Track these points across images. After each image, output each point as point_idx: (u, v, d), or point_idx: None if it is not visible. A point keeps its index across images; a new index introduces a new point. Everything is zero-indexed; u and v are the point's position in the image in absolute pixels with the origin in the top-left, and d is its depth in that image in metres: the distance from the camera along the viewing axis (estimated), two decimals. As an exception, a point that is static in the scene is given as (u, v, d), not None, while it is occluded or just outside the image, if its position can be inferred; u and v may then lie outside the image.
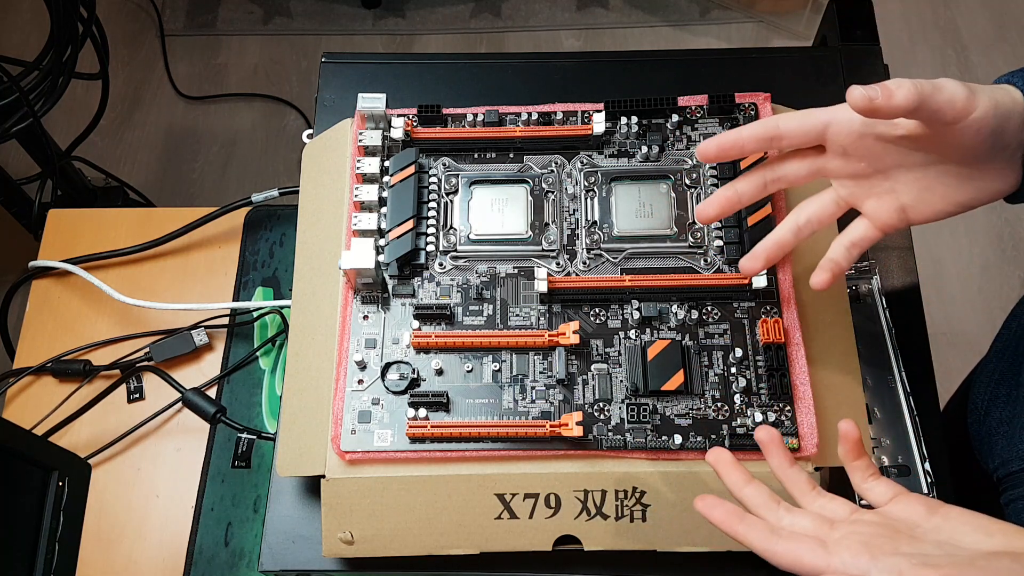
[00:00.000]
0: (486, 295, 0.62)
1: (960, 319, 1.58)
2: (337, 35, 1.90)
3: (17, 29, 1.90)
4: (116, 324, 0.84)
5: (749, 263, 0.57)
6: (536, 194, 0.65)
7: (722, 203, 0.55)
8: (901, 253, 0.71)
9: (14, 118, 1.07)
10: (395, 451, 0.57)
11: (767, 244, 0.56)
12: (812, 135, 0.51)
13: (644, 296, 0.61)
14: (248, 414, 0.80)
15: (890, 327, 0.67)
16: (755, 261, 0.57)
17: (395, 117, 0.66)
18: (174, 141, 1.79)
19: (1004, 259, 1.65)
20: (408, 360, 0.60)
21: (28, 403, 0.81)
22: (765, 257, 0.56)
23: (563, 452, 0.57)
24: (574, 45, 1.89)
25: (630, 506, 0.57)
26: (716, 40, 1.88)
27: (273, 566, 0.60)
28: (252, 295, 0.85)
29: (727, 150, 0.53)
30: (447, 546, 0.57)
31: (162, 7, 1.92)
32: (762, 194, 0.55)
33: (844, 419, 0.48)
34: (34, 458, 0.63)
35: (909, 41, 1.86)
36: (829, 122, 0.50)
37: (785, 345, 0.59)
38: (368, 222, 0.63)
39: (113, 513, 0.77)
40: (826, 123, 0.50)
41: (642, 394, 0.59)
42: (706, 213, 0.55)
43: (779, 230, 0.56)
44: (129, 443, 0.80)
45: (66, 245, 0.87)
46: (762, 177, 0.55)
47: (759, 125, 0.52)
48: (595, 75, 0.75)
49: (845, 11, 0.80)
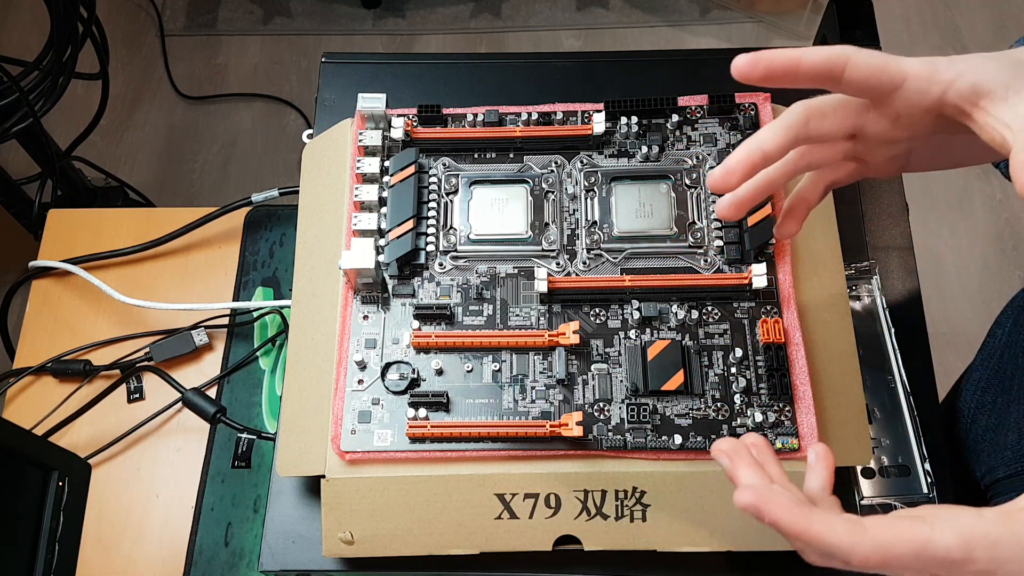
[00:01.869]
0: (486, 295, 0.62)
1: (960, 319, 1.58)
2: (337, 35, 1.90)
3: (17, 29, 1.90)
4: (116, 324, 0.84)
5: (731, 209, 0.48)
6: (536, 194, 0.65)
7: (747, 165, 0.45)
8: (901, 253, 0.71)
9: (14, 118, 1.07)
10: (395, 451, 0.57)
11: (755, 189, 0.47)
12: (881, 89, 0.42)
13: (644, 296, 0.61)
14: (248, 414, 0.80)
15: (890, 327, 0.67)
16: (738, 208, 0.48)
17: (395, 117, 0.66)
18: (174, 141, 1.79)
19: (1004, 259, 1.65)
20: (408, 360, 0.60)
21: (28, 403, 0.82)
22: (750, 204, 0.47)
23: (563, 452, 0.57)
24: (574, 45, 1.89)
25: (630, 506, 0.57)
26: (716, 40, 1.88)
27: (273, 566, 0.60)
28: (252, 295, 0.85)
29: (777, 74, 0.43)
30: (447, 546, 0.57)
31: (162, 7, 1.92)
32: (787, 151, 0.46)
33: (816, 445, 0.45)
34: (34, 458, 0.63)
35: (909, 41, 1.86)
36: (905, 81, 0.41)
37: (785, 345, 0.59)
38: (368, 222, 0.63)
39: (113, 513, 0.77)
40: (902, 81, 0.41)
41: (642, 394, 0.59)
42: (729, 181, 0.45)
43: (774, 173, 0.47)
44: (129, 443, 0.80)
45: (66, 245, 0.87)
46: (795, 131, 0.45)
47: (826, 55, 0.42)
48: (595, 75, 0.75)
49: (845, 11, 0.80)
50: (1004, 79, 0.39)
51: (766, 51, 0.42)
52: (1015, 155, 0.38)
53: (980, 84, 0.39)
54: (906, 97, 0.42)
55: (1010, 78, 0.39)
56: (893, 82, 0.41)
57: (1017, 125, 0.38)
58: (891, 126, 0.44)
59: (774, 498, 0.39)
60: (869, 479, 0.62)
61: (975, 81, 0.40)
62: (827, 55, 0.42)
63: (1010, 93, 0.39)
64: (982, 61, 0.40)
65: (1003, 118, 0.39)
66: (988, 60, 0.40)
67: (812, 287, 0.62)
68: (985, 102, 0.39)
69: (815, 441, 0.57)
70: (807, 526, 0.38)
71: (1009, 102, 0.39)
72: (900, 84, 0.41)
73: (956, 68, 0.40)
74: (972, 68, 0.40)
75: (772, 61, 0.42)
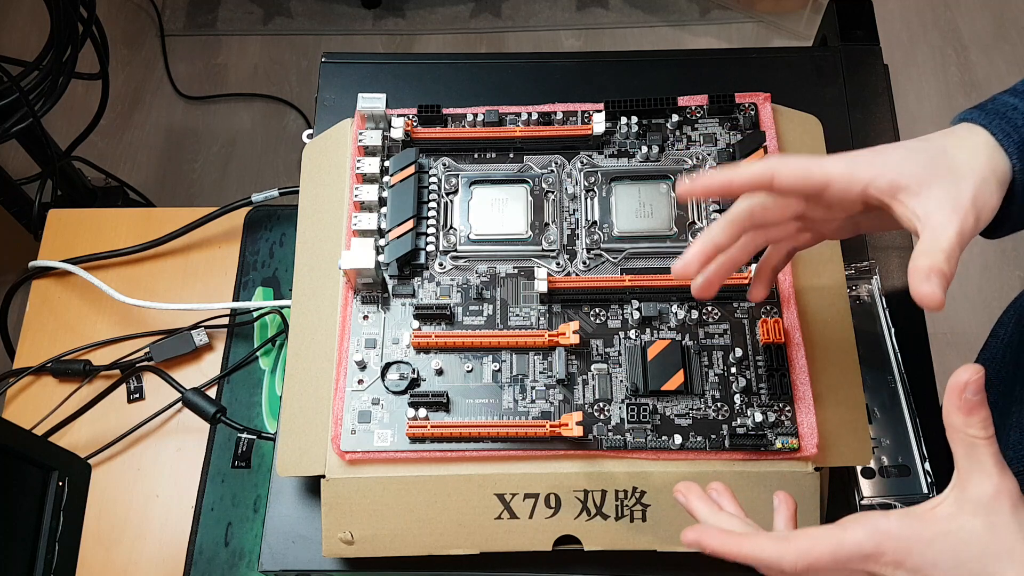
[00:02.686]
0: (486, 295, 0.62)
1: (960, 319, 1.58)
2: (337, 35, 1.90)
3: (17, 29, 1.90)
4: (116, 324, 0.84)
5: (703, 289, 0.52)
6: (536, 194, 0.65)
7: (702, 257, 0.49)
8: (901, 253, 0.71)
9: (14, 118, 1.07)
10: (395, 451, 0.57)
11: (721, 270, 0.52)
12: (808, 191, 0.47)
13: (644, 296, 0.61)
14: (248, 414, 0.80)
15: (890, 327, 0.67)
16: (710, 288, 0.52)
17: (395, 117, 0.66)
18: (174, 141, 1.79)
19: (1004, 259, 1.65)
20: (408, 360, 0.60)
21: (28, 403, 0.81)
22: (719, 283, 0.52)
23: (563, 452, 0.57)
24: (574, 45, 1.89)
25: (630, 506, 0.57)
26: (716, 40, 1.88)
27: (273, 566, 0.60)
28: (252, 295, 0.85)
29: (714, 192, 0.49)
30: (447, 546, 0.57)
31: (162, 7, 1.92)
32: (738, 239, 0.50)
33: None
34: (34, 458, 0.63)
35: (909, 41, 1.85)
36: (828, 184, 0.46)
37: (785, 345, 0.59)
38: (368, 222, 0.63)
39: (113, 513, 0.77)
40: (825, 184, 0.46)
41: (642, 394, 0.59)
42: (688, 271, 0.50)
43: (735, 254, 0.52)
44: (129, 443, 0.80)
45: (66, 245, 0.87)
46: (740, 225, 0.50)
47: (752, 172, 0.47)
48: (595, 75, 0.75)
49: (845, 11, 0.80)
50: (919, 175, 0.44)
51: (703, 176, 0.48)
52: (915, 256, 0.43)
53: (896, 181, 0.44)
54: (832, 194, 0.46)
55: (924, 175, 0.44)
56: (817, 186, 0.46)
57: (925, 218, 0.43)
58: (827, 212, 0.49)
59: (708, 531, 0.45)
60: (869, 479, 0.62)
61: (892, 179, 0.44)
62: (754, 173, 0.47)
63: (923, 188, 0.44)
64: (902, 157, 0.45)
65: (916, 210, 0.44)
66: (908, 156, 0.45)
67: (812, 287, 0.62)
68: (902, 196, 0.44)
69: (815, 441, 0.57)
70: (739, 548, 0.43)
71: (921, 196, 0.44)
72: (825, 186, 0.46)
73: (875, 168, 0.45)
74: (891, 166, 0.45)
75: (708, 183, 0.48)
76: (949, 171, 0.44)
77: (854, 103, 0.74)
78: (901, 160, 0.45)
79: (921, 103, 1.78)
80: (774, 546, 0.43)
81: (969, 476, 0.41)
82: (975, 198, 0.43)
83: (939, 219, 0.43)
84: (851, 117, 0.73)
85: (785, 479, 0.57)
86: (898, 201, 0.44)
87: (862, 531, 0.41)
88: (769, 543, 0.43)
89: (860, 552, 0.41)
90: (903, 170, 0.44)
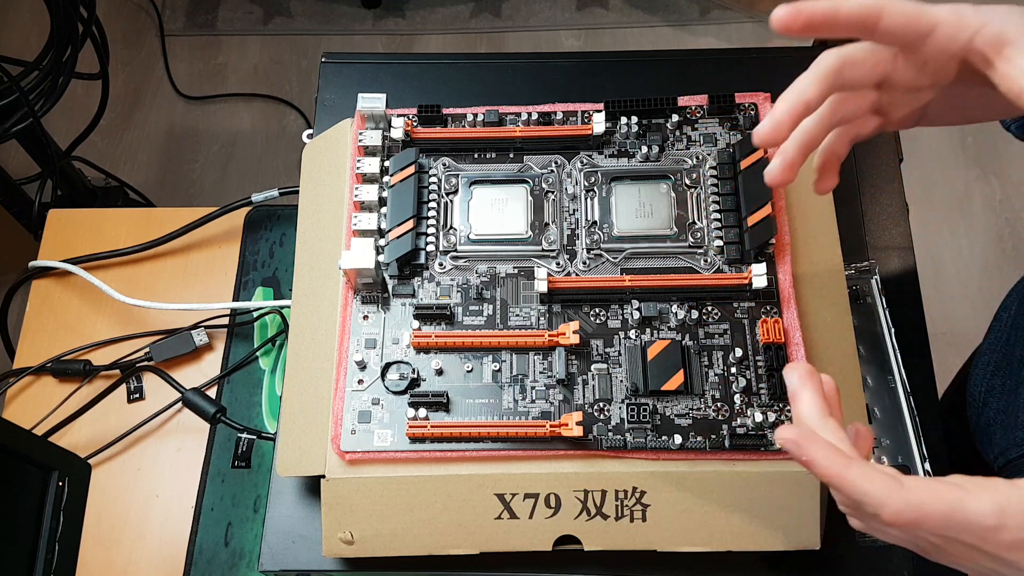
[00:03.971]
0: (486, 295, 0.62)
1: (960, 319, 1.58)
2: (337, 35, 1.90)
3: (17, 29, 1.90)
4: (116, 324, 0.84)
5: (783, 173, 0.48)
6: (536, 194, 0.65)
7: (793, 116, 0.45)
8: (901, 253, 0.71)
9: (14, 118, 1.07)
10: (395, 451, 0.57)
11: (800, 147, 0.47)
12: (914, 35, 0.44)
13: (644, 296, 0.61)
14: (248, 414, 0.80)
15: (890, 327, 0.67)
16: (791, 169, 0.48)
17: (395, 117, 0.66)
18: (174, 141, 1.79)
19: (1004, 259, 1.65)
20: (408, 360, 0.60)
21: (28, 403, 0.82)
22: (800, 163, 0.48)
23: (563, 452, 0.57)
24: (574, 45, 1.89)
25: (630, 506, 0.57)
26: (716, 40, 1.88)
27: (273, 566, 0.60)
28: (252, 295, 0.85)
29: (817, 23, 0.44)
30: (447, 546, 0.57)
31: (162, 7, 1.92)
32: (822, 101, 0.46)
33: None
34: (34, 458, 0.63)
35: (909, 41, 1.85)
36: (935, 27, 0.43)
37: (785, 345, 0.59)
38: (368, 222, 0.63)
39: (113, 513, 0.78)
40: (932, 27, 0.43)
41: (642, 394, 0.59)
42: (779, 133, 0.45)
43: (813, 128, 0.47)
44: (129, 443, 0.80)
45: (66, 245, 0.87)
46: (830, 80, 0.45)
47: (862, 3, 0.43)
48: (595, 75, 0.75)
49: (845, 11, 0.80)
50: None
51: (805, 2, 0.44)
52: None
53: (1005, 33, 0.41)
54: (935, 44, 0.43)
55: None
56: (924, 29, 0.43)
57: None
58: (917, 74, 0.45)
59: (815, 439, 0.39)
60: (869, 479, 0.62)
61: (1001, 29, 0.41)
62: (863, 4, 0.43)
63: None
64: (1007, 11, 0.42)
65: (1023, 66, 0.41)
66: (1012, 11, 0.42)
67: (812, 287, 0.62)
68: (1008, 50, 0.41)
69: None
70: (843, 471, 0.38)
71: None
72: (930, 31, 0.43)
73: (983, 17, 0.42)
74: (999, 17, 0.42)
75: (812, 12, 0.43)
76: None
77: (854, 103, 0.74)
78: (1008, 12, 0.42)
79: (921, 103, 1.78)
80: (884, 483, 0.37)
81: None
82: None
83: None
84: (851, 117, 0.73)
85: (785, 479, 0.57)
86: (1003, 57, 0.41)
87: (989, 501, 0.36)
88: (880, 478, 0.37)
89: (981, 524, 0.36)
90: (1011, 24, 0.42)
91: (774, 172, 0.48)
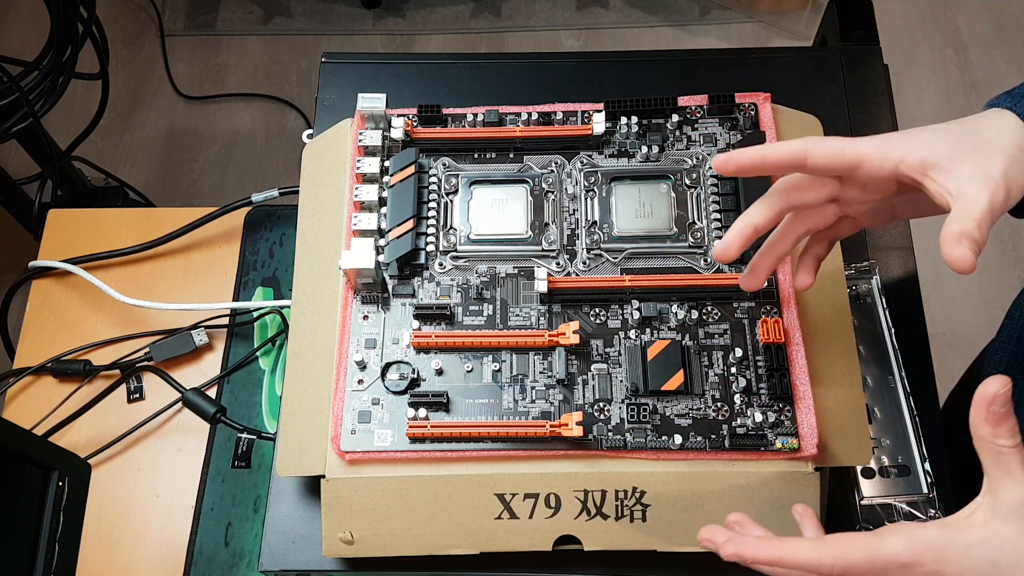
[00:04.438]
0: (486, 295, 0.62)
1: (960, 319, 1.58)
2: (337, 35, 1.90)
3: (17, 29, 1.90)
4: (116, 324, 0.84)
5: (751, 282, 0.54)
6: (536, 194, 0.65)
7: (742, 239, 0.50)
8: (901, 253, 0.71)
9: (14, 118, 1.07)
10: (395, 451, 0.57)
11: (767, 260, 0.53)
12: (841, 170, 0.48)
13: (644, 296, 0.61)
14: (248, 414, 0.80)
15: (890, 327, 0.67)
16: (757, 279, 0.54)
17: (395, 117, 0.66)
18: (174, 141, 1.79)
19: (1004, 259, 1.65)
20: (408, 360, 0.60)
21: (28, 403, 0.81)
22: (766, 273, 0.54)
23: (563, 452, 0.57)
24: (574, 45, 1.89)
25: (630, 506, 0.57)
26: (716, 40, 1.88)
27: (273, 566, 0.60)
28: (252, 295, 0.85)
29: (747, 168, 0.49)
30: (447, 546, 0.57)
31: (162, 7, 1.92)
32: (777, 222, 0.51)
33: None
34: (34, 458, 0.63)
35: (909, 41, 1.86)
36: (861, 162, 0.47)
37: (785, 345, 0.59)
38: (368, 222, 0.63)
39: (113, 513, 0.77)
40: (859, 162, 0.47)
41: (642, 394, 0.59)
42: (729, 254, 0.51)
43: (778, 242, 0.53)
44: (129, 443, 0.80)
45: (66, 245, 0.87)
46: (777, 205, 0.51)
47: (787, 149, 0.48)
48: (595, 75, 0.75)
49: (845, 11, 0.80)
50: (949, 153, 0.45)
51: (737, 150, 0.49)
52: (947, 224, 0.43)
53: (926, 158, 0.45)
54: (866, 172, 0.47)
55: (954, 152, 0.45)
56: (850, 163, 0.47)
57: (956, 192, 0.44)
58: (861, 191, 0.49)
59: (744, 540, 0.46)
60: (869, 479, 0.62)
61: (923, 156, 0.45)
62: (788, 150, 0.48)
63: (953, 165, 0.45)
64: (932, 136, 0.46)
65: (947, 186, 0.44)
66: (938, 136, 0.46)
67: (812, 287, 0.62)
68: (933, 172, 0.45)
69: (815, 441, 0.57)
70: (779, 552, 0.44)
71: (952, 172, 0.44)
72: (859, 163, 0.47)
73: (906, 146, 0.46)
74: (922, 144, 0.46)
75: (742, 158, 0.49)
76: (978, 148, 0.45)
77: (854, 103, 0.74)
78: (931, 139, 0.46)
79: (921, 103, 1.78)
80: (812, 548, 0.43)
81: (999, 484, 0.42)
82: (1006, 172, 0.44)
83: (970, 192, 0.44)
84: (851, 117, 0.73)
85: (785, 479, 0.57)
86: (929, 178, 0.45)
87: (900, 541, 0.42)
88: (807, 545, 0.44)
89: (897, 561, 0.42)
90: (933, 148, 0.45)
91: (743, 283, 0.54)
